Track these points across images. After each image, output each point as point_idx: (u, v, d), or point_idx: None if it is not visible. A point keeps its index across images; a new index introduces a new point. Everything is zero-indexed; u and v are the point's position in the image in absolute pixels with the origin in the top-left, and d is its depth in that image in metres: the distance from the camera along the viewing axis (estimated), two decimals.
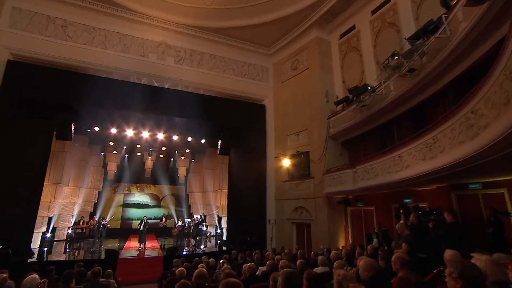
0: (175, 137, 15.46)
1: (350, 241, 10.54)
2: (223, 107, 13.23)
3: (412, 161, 6.72)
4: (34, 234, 10.95)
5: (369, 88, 8.87)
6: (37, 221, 10.94)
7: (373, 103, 9.16)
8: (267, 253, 8.05)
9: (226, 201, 14.69)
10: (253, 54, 14.66)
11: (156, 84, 12.70)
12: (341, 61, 12.57)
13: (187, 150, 18.54)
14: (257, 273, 4.88)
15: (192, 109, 11.96)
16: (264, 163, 13.86)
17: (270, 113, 14.63)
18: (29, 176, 10.12)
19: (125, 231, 17.20)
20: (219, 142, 14.84)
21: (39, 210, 10.87)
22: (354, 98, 9.46)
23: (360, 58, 11.45)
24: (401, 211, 7.47)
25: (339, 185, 10.25)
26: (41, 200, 11.00)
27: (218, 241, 15.48)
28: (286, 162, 13.19)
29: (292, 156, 13.15)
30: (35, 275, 3.57)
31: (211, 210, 17.92)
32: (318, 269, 4.77)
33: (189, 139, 15.66)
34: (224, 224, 16.13)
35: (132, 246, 13.15)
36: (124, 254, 11.23)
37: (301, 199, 12.52)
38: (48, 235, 13.67)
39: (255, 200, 13.12)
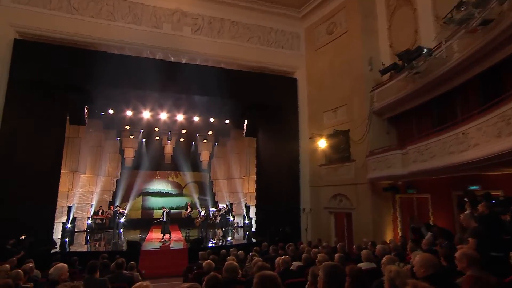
0: (196, 118, 15.81)
1: (400, 234, 10.37)
2: (249, 82, 13.19)
3: (482, 138, 6.33)
4: (55, 224, 11.83)
5: (424, 50, 8.28)
6: (56, 210, 11.91)
7: (429, 70, 8.60)
8: (301, 246, 8.16)
9: (255, 188, 14.88)
10: (281, 18, 14.39)
11: (172, 59, 12.85)
12: (388, 20, 11.94)
13: (210, 133, 18.95)
14: (291, 267, 4.89)
15: (213, 86, 12.01)
16: (297, 145, 13.88)
17: (302, 87, 14.51)
18: (46, 163, 10.86)
19: (146, 221, 17.97)
20: (245, 122, 15.02)
21: (58, 200, 11.71)
22: (405, 65, 8.93)
23: (413, 14, 10.74)
24: (466, 199, 7.13)
25: (386, 169, 10.00)
26: (59, 189, 11.82)
27: (247, 233, 15.79)
28: (322, 143, 13.09)
29: (329, 136, 13.03)
30: (63, 264, 4.00)
31: (238, 198, 18.37)
32: (363, 265, 4.74)
33: (212, 120, 15.99)
34: (252, 213, 16.40)
35: (154, 238, 13.68)
36: (147, 246, 11.72)
37: (340, 186, 12.47)
38: (69, 225, 14.59)
39: (287, 187, 13.22)
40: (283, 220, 12.44)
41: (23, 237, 9.15)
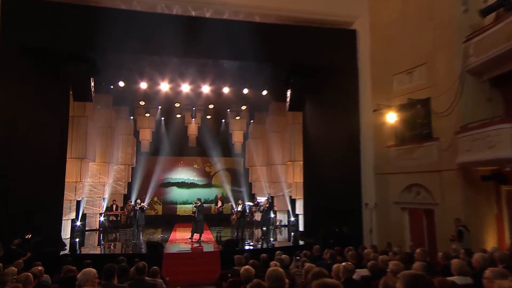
0: (226, 90, 15.92)
1: (509, 240, 9.87)
2: (292, 39, 12.93)
3: None
4: (63, 221, 12.55)
5: None
6: (64, 205, 12.59)
7: None
8: (365, 251, 8.11)
9: (301, 177, 15.04)
10: None
11: (193, 14, 12.79)
12: None
13: (244, 107, 19.27)
14: (354, 276, 4.88)
15: (246, 47, 11.89)
16: (357, 121, 13.65)
17: (364, 42, 14.13)
18: (49, 149, 11.47)
19: (167, 218, 18.76)
20: (288, 92, 14.84)
21: (65, 192, 12.35)
22: None
23: None
24: None
25: (487, 150, 9.44)
26: (66, 180, 12.41)
27: (292, 233, 15.95)
28: (391, 117, 12.69)
29: (401, 108, 12.58)
30: (91, 269, 4.30)
31: (280, 189, 18.52)
32: (455, 279, 4.56)
33: (246, 91, 16.06)
34: (299, 209, 16.58)
35: (179, 238, 14.19)
36: (170, 248, 12.16)
37: (417, 173, 12.11)
38: (78, 223, 15.63)
39: (345, 175, 13.12)
40: (339, 218, 12.40)
41: (29, 236, 9.83)
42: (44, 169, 11.19)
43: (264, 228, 15.00)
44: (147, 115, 18.73)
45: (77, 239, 14.04)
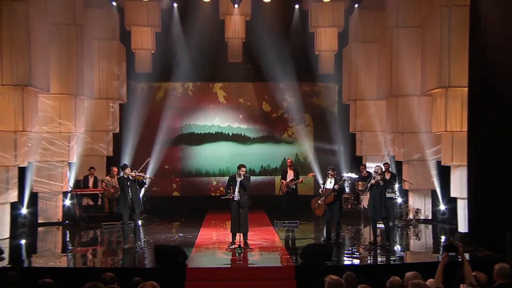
0: None
1: None
2: None
3: None
4: None
5: None
6: None
7: None
8: None
9: (465, 122, 11.47)
10: None
11: None
12: None
13: None
14: None
15: None
16: None
17: None
18: None
19: (191, 201, 15.36)
20: None
21: None
22: None
23: None
24: None
25: None
26: None
27: (443, 237, 12.53)
28: None
29: None
30: None
31: (416, 148, 13.98)
32: None
33: None
34: (457, 189, 12.61)
35: (216, 241, 11.59)
36: (198, 258, 9.64)
37: None
38: (24, 211, 12.65)
39: None
40: None
41: None
42: None
43: (381, 224, 11.03)
44: None
45: (23, 241, 11.36)
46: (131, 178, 10.06)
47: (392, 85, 13.62)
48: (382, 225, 10.81)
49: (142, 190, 11.78)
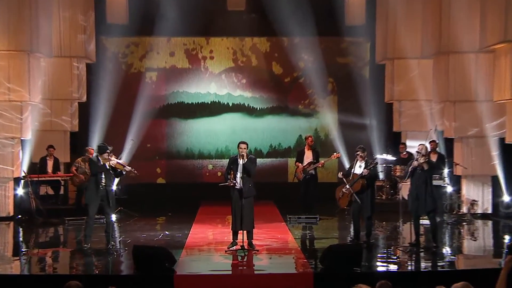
0: None
1: None
2: None
3: None
4: None
5: None
6: None
7: None
8: None
9: None
10: None
11: None
12: None
13: None
14: None
15: None
16: None
17: None
18: None
19: (179, 190, 14.47)
20: None
21: None
22: None
23: None
24: None
25: None
26: None
27: (509, 237, 11.59)
28: None
29: None
30: None
31: (471, 122, 12.88)
32: None
33: None
34: None
35: (212, 240, 10.88)
36: (188, 263, 9.18)
37: None
38: None
39: None
40: None
41: None
42: None
43: (425, 220, 10.13)
44: None
45: None
46: (107, 166, 8.89)
47: (442, 39, 12.20)
48: (426, 221, 9.91)
49: (116, 179, 10.56)
